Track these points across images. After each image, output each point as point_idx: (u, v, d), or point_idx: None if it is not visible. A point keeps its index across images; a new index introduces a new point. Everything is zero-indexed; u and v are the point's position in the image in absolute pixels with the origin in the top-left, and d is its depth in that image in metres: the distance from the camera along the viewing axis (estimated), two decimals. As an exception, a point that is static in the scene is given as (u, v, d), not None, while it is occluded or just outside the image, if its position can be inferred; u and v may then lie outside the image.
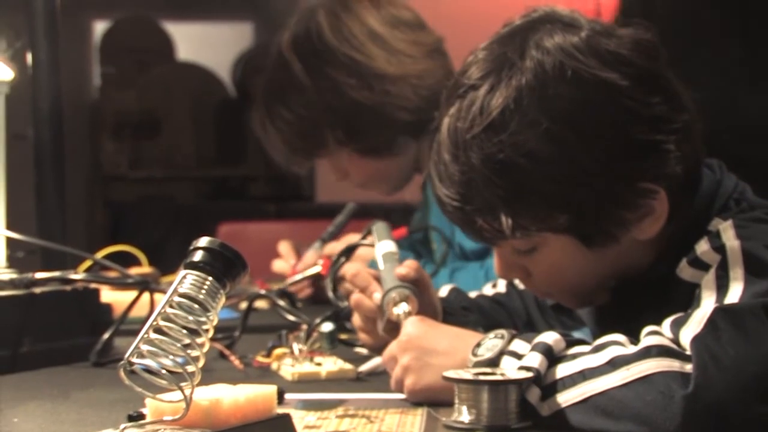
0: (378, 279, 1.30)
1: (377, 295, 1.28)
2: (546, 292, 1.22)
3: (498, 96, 1.08)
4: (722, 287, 1.01)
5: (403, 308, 1.22)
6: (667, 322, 0.99)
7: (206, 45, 5.33)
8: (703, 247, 1.07)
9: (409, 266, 1.28)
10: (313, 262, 1.97)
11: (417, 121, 1.69)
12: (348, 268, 1.69)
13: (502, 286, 1.44)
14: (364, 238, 1.57)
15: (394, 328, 1.21)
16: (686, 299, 1.04)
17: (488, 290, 1.45)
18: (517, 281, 1.42)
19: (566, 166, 1.07)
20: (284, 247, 2.07)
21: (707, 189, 1.14)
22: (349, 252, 1.57)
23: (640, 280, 1.15)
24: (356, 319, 1.35)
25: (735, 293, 1.00)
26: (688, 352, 0.94)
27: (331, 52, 1.78)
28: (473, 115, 1.09)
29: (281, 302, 1.56)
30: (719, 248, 1.05)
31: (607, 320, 1.18)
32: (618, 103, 1.07)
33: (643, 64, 1.10)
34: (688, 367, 0.93)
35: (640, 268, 1.15)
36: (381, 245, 1.38)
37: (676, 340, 0.97)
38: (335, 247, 1.91)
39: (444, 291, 1.44)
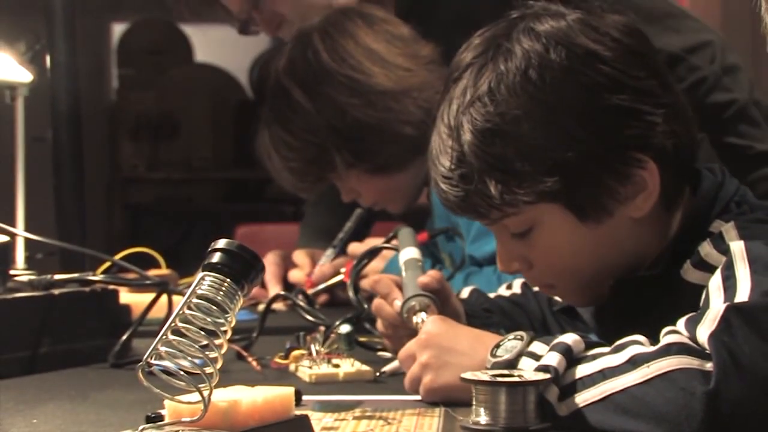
0: (400, 286, 1.31)
1: (398, 302, 1.28)
2: (548, 283, 1.21)
3: (487, 72, 1.13)
4: (730, 287, 1.02)
5: (422, 317, 1.22)
6: (681, 322, 0.99)
7: (224, 47, 5.35)
8: (707, 249, 1.09)
9: (431, 276, 1.29)
10: (329, 271, 1.97)
11: (422, 135, 1.69)
12: (371, 271, 1.70)
13: (517, 287, 1.44)
14: (388, 241, 1.57)
15: (412, 335, 1.22)
16: (692, 301, 1.05)
17: (504, 291, 1.45)
18: None
19: (551, 129, 1.10)
20: (300, 256, 2.07)
21: (708, 190, 1.16)
22: (372, 254, 1.57)
23: (642, 280, 1.15)
24: (380, 324, 1.36)
25: (743, 292, 1.00)
26: (707, 350, 0.94)
27: (329, 74, 1.76)
28: (463, 92, 1.14)
29: (301, 303, 1.57)
30: (724, 251, 1.06)
31: (609, 323, 1.19)
32: (601, 71, 1.11)
33: (630, 43, 1.14)
34: (708, 365, 0.93)
35: (642, 263, 1.15)
36: (405, 252, 1.38)
37: (693, 339, 0.97)
38: (358, 248, 1.90)
39: (465, 293, 1.44)
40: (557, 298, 1.37)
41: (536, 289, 1.41)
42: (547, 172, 1.10)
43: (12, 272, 1.47)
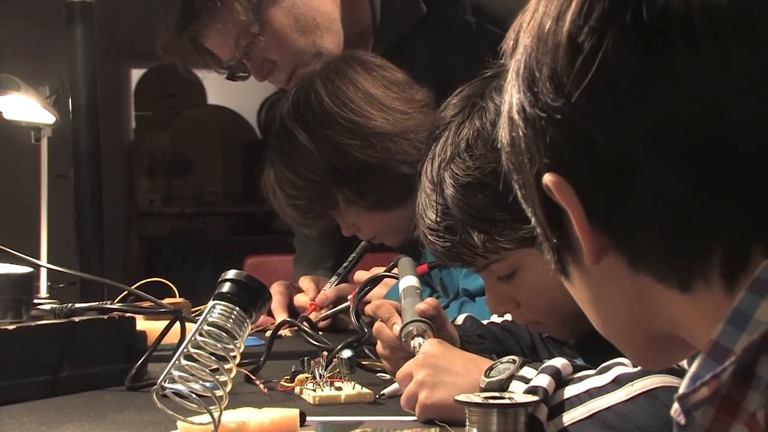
0: (400, 311, 1.31)
1: (397, 327, 1.28)
2: (536, 321, 1.22)
3: (465, 130, 1.15)
4: None
5: (419, 341, 1.22)
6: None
7: (234, 90, 5.37)
8: None
9: (429, 303, 1.29)
10: (331, 295, 1.98)
11: (417, 174, 1.71)
12: (373, 296, 1.70)
13: (508, 315, 1.44)
14: (389, 270, 1.57)
15: (409, 358, 1.22)
16: None
17: (496, 318, 1.45)
18: None
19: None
20: (305, 282, 2.07)
21: None
22: (374, 282, 1.57)
23: None
24: (379, 347, 1.35)
25: None
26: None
27: (331, 117, 1.77)
28: (444, 149, 1.16)
29: (307, 329, 1.57)
30: None
31: (592, 348, 1.18)
32: None
33: None
34: None
35: None
36: (405, 280, 1.39)
37: None
38: (362, 275, 1.91)
39: (460, 319, 1.44)
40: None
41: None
42: (524, 220, 1.10)
43: (35, 301, 1.46)
